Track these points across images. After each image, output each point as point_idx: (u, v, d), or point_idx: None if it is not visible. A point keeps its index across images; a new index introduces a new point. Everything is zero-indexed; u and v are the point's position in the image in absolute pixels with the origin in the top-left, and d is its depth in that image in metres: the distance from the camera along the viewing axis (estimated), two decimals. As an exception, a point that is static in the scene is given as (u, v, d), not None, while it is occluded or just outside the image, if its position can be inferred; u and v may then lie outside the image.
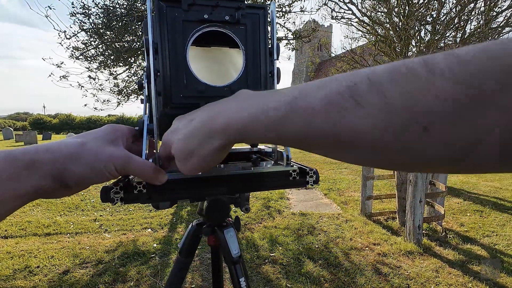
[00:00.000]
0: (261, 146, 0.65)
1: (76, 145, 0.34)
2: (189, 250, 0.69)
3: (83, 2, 3.49)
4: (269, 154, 0.58)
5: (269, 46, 0.46)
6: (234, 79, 0.43)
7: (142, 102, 0.51)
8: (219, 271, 0.73)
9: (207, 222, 0.67)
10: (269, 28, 0.46)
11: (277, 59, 0.47)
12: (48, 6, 3.37)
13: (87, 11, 3.54)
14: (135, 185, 0.39)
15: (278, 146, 0.50)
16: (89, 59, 4.13)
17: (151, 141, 0.44)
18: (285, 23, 4.43)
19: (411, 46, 4.35)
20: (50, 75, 3.87)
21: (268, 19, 0.46)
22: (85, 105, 4.76)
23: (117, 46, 3.94)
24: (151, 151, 0.44)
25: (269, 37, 0.46)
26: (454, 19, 3.76)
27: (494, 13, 3.59)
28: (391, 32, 4.24)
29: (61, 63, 3.87)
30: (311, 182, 0.46)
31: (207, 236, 0.67)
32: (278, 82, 0.47)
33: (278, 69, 0.47)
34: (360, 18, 4.68)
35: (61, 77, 3.93)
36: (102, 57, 4.20)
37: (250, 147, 0.63)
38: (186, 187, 0.42)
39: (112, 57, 4.14)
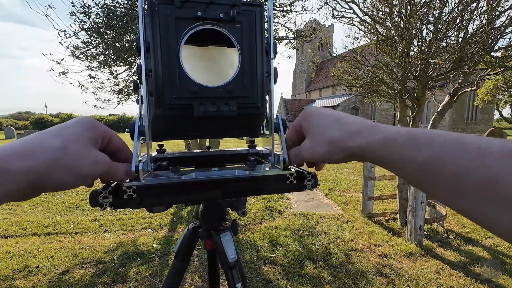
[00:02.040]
0: (259, 148, 0.63)
1: (57, 149, 0.31)
2: (185, 253, 0.68)
3: (83, 1, 3.48)
4: (267, 156, 0.57)
5: (266, 45, 0.44)
6: (229, 79, 0.42)
7: (137, 103, 0.50)
8: (216, 275, 0.72)
9: (203, 225, 0.65)
10: (265, 26, 0.44)
11: (274, 58, 0.45)
12: (48, 5, 3.36)
13: (87, 10, 3.53)
14: (125, 190, 0.38)
15: (275, 148, 0.48)
16: (89, 58, 4.13)
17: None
18: (285, 22, 4.41)
19: (413, 46, 4.32)
20: (50, 70, 3.86)
21: (265, 17, 0.44)
22: (85, 102, 4.76)
23: (117, 45, 3.93)
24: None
25: (266, 35, 0.45)
26: (456, 18, 3.73)
27: (497, 13, 3.55)
28: (392, 32, 4.21)
29: (61, 60, 3.87)
30: (309, 186, 0.45)
31: (203, 240, 0.65)
32: (275, 83, 0.46)
33: (275, 69, 0.45)
34: (362, 18, 4.65)
35: (60, 73, 3.92)
36: (102, 56, 4.19)
37: (247, 148, 0.62)
38: (178, 191, 0.40)
39: (112, 57, 4.13)
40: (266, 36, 0.45)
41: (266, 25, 0.44)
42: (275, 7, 4.13)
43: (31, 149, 0.30)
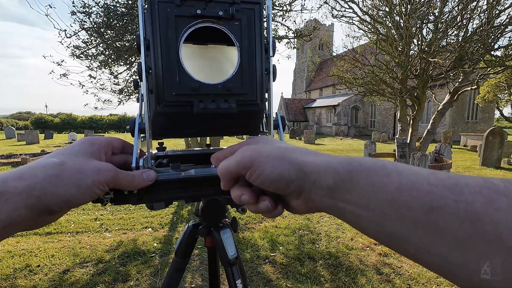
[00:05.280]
0: None
1: (55, 166, 0.31)
2: (186, 251, 0.68)
3: (83, 1, 3.48)
4: None
5: (265, 42, 0.45)
6: (228, 77, 0.42)
7: (138, 101, 0.50)
8: (216, 272, 0.72)
9: (203, 222, 0.66)
10: (265, 24, 0.45)
11: (273, 56, 0.45)
12: (49, 5, 3.37)
13: (87, 10, 3.54)
14: None
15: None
16: (90, 58, 4.14)
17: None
18: (285, 21, 4.42)
19: (413, 45, 4.32)
20: (50, 73, 3.88)
21: (264, 14, 0.45)
22: (86, 104, 4.78)
23: (117, 45, 3.94)
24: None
25: (265, 33, 0.45)
26: (456, 17, 3.72)
27: (497, 11, 3.55)
28: (392, 31, 4.21)
29: (62, 61, 3.88)
30: None
31: (203, 237, 0.66)
32: (274, 80, 0.46)
33: (274, 66, 0.46)
34: (361, 17, 4.65)
35: (61, 75, 3.94)
36: (102, 56, 4.20)
37: None
38: (178, 187, 0.41)
39: (112, 57, 4.14)
40: (265, 34, 0.45)
41: (265, 23, 0.45)
42: (275, 7, 4.13)
43: (30, 170, 0.30)
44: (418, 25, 3.85)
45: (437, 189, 0.20)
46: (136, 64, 4.63)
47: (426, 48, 3.91)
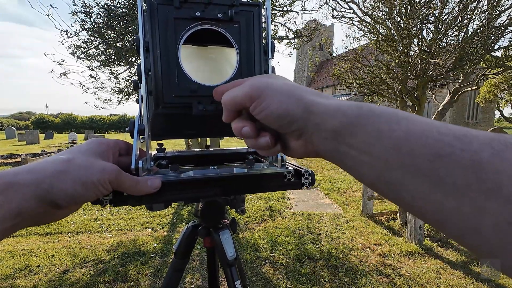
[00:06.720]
0: None
1: (63, 162, 0.32)
2: (185, 251, 0.68)
3: (84, 1, 3.49)
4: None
5: (264, 44, 0.45)
6: (227, 78, 0.42)
7: (138, 102, 0.51)
8: (215, 273, 0.72)
9: (202, 223, 0.66)
10: (264, 26, 0.45)
11: (272, 58, 0.46)
12: (50, 5, 3.37)
13: (88, 10, 3.54)
14: None
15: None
16: (90, 58, 4.14)
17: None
18: (285, 22, 4.41)
19: (413, 45, 4.31)
20: (51, 71, 3.88)
21: (263, 15, 0.45)
22: (86, 103, 4.78)
23: (118, 45, 3.94)
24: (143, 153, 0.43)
25: (264, 35, 0.45)
26: (456, 18, 3.72)
27: (497, 12, 3.55)
28: (392, 31, 4.21)
29: (62, 61, 3.88)
30: (306, 184, 0.45)
31: (202, 238, 0.66)
32: (273, 82, 0.46)
33: (273, 68, 0.46)
34: (362, 17, 4.65)
35: (61, 74, 3.94)
36: (103, 56, 4.20)
37: (246, 147, 0.62)
38: (178, 188, 0.41)
39: (113, 57, 4.14)
40: (264, 35, 0.45)
41: (264, 25, 0.45)
42: (275, 7, 4.13)
43: (39, 165, 0.31)
44: (418, 26, 3.85)
45: (446, 138, 0.20)
46: (136, 64, 4.62)
47: (426, 49, 3.90)
